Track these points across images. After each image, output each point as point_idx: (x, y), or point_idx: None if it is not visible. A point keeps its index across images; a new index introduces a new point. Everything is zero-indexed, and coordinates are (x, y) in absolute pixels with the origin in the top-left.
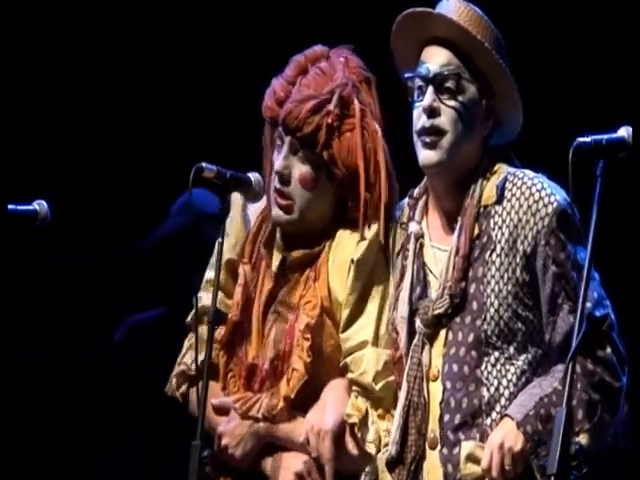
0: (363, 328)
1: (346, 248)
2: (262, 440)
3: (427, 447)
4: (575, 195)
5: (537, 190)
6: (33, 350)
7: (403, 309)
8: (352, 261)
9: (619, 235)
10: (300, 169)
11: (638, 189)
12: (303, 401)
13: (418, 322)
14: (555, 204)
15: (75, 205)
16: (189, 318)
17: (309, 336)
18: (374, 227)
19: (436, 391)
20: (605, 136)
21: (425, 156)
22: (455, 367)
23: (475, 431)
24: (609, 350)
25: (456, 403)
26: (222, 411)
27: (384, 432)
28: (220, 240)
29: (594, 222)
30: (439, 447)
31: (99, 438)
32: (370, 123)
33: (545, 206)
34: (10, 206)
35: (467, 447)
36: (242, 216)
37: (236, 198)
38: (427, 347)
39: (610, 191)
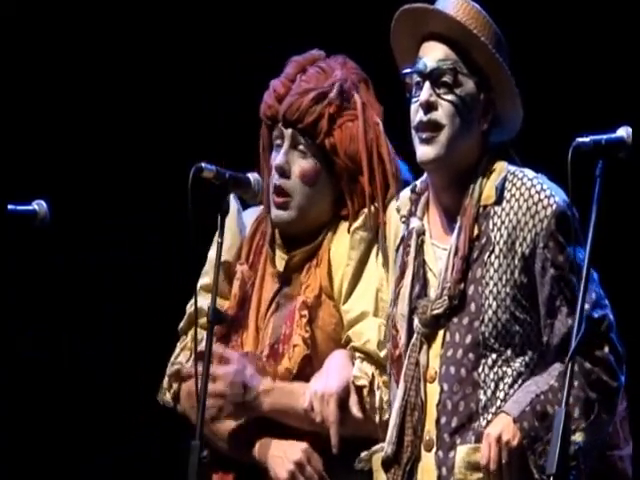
0: (363, 298)
1: (345, 232)
2: (260, 414)
3: (423, 449)
4: (574, 195)
5: (536, 192)
6: (33, 350)
7: (403, 307)
8: (348, 231)
9: (619, 235)
10: (300, 164)
11: (638, 189)
12: (307, 380)
13: (416, 321)
14: (554, 206)
15: (75, 205)
16: (181, 324)
17: (305, 312)
18: (372, 208)
19: (433, 393)
20: (604, 136)
21: (422, 152)
22: (452, 369)
23: (471, 434)
24: (607, 350)
25: (453, 406)
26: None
27: (385, 403)
28: (219, 240)
29: (593, 222)
30: (435, 449)
31: (99, 438)
32: (371, 115)
33: (544, 208)
34: (10, 206)
35: (462, 451)
36: (237, 220)
37: (231, 203)
38: (425, 347)
39: (610, 191)
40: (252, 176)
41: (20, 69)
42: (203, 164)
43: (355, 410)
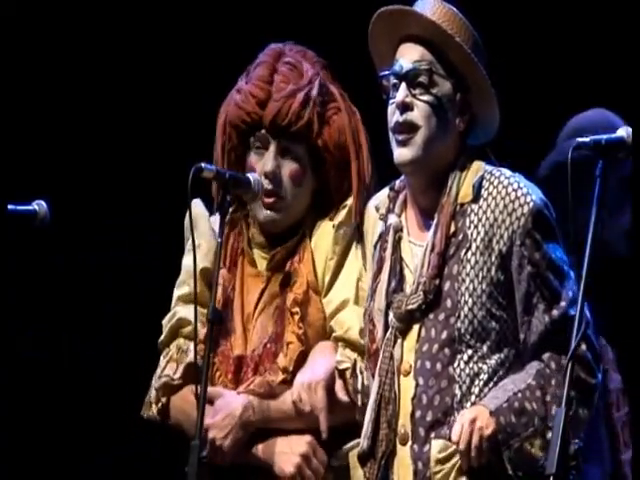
0: (343, 287)
1: (326, 226)
2: (252, 427)
3: (398, 442)
4: (575, 195)
5: (513, 190)
6: (33, 350)
7: (380, 301)
8: (333, 226)
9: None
10: (290, 167)
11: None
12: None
13: (391, 316)
14: (531, 204)
15: (75, 205)
16: (161, 338)
17: (297, 309)
18: (351, 200)
19: (408, 386)
20: (604, 136)
21: (399, 154)
22: (428, 364)
23: (446, 428)
24: (584, 347)
25: (428, 400)
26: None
27: (366, 387)
28: (219, 240)
29: (593, 222)
30: (410, 443)
31: (99, 438)
32: (349, 104)
33: (521, 206)
34: (10, 206)
35: (437, 446)
36: (209, 225)
37: (200, 209)
38: (399, 341)
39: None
40: (252, 176)
41: (20, 69)
42: (203, 164)
43: (341, 395)
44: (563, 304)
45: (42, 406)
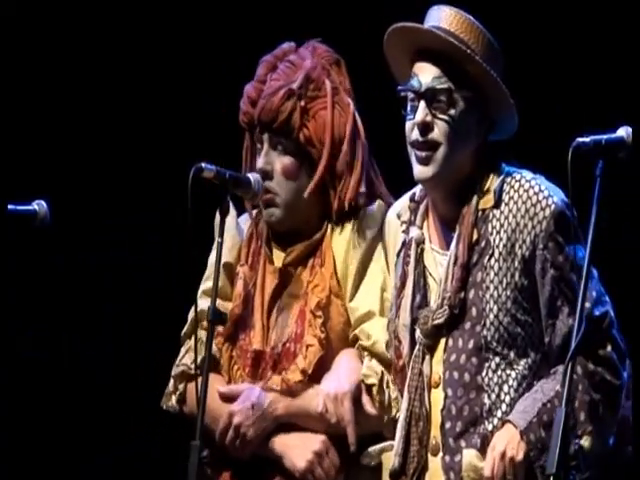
0: (368, 297)
1: (345, 229)
2: (277, 420)
3: (429, 454)
4: (574, 195)
5: (534, 193)
6: (33, 350)
7: (405, 317)
8: (352, 230)
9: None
10: (282, 161)
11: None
12: (319, 379)
13: (418, 332)
14: (553, 207)
15: (75, 205)
16: (185, 329)
17: (320, 313)
18: (377, 205)
19: (438, 398)
20: (604, 136)
21: (420, 172)
22: (456, 374)
23: (476, 437)
24: (609, 348)
25: (457, 410)
26: (229, 400)
27: (394, 400)
28: (219, 240)
29: (593, 222)
30: (441, 454)
31: (99, 438)
32: (342, 98)
33: (543, 209)
34: (10, 206)
35: (468, 455)
36: (236, 224)
37: (230, 205)
38: (427, 357)
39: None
40: (252, 176)
41: (20, 69)
42: (203, 164)
43: (369, 407)
44: (587, 304)
45: (42, 406)
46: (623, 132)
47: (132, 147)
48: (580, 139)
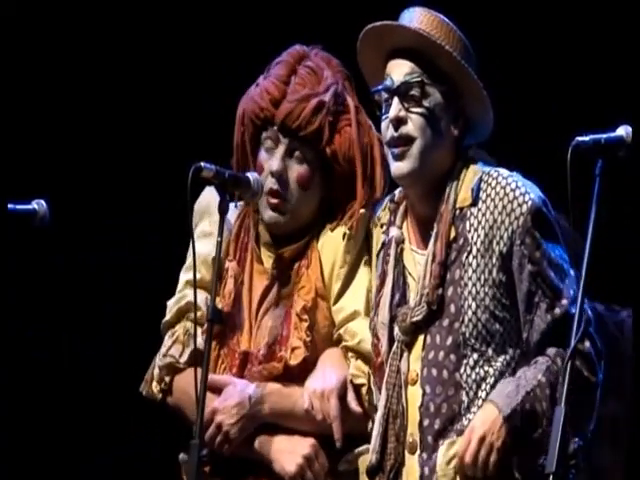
0: (354, 298)
1: (336, 233)
2: (261, 421)
3: (406, 452)
4: (574, 194)
5: (511, 190)
6: (33, 350)
7: (384, 315)
8: (344, 235)
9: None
10: (298, 170)
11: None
12: (302, 380)
13: (396, 329)
14: (530, 203)
15: (75, 205)
16: (167, 318)
17: (306, 317)
18: (362, 210)
19: (415, 395)
20: (604, 135)
21: (396, 167)
22: (434, 371)
23: (454, 435)
24: (588, 344)
25: (435, 408)
26: (214, 390)
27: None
28: (219, 239)
29: (592, 221)
30: (418, 451)
31: (99, 438)
32: (365, 118)
33: (520, 205)
34: (9, 205)
35: (442, 449)
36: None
37: (214, 196)
38: (405, 354)
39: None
40: (252, 175)
41: (20, 69)
42: (202, 164)
43: (354, 405)
44: (565, 302)
45: (42, 406)
46: (622, 131)
47: (132, 147)
48: (579, 138)
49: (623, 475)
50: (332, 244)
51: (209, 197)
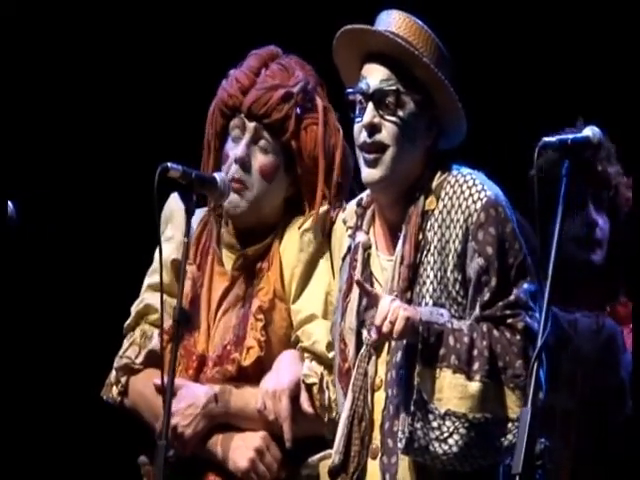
0: (312, 300)
1: (294, 233)
2: (214, 420)
3: (369, 457)
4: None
5: (468, 187)
6: (33, 350)
7: (351, 320)
8: (299, 233)
9: None
10: (261, 159)
11: None
12: (257, 381)
13: (365, 333)
14: (485, 199)
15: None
16: (128, 322)
17: (262, 317)
18: (322, 209)
19: (380, 400)
20: (570, 136)
21: (368, 174)
22: (394, 373)
23: None
24: (520, 326)
25: (394, 410)
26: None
27: (334, 402)
28: (185, 240)
29: (559, 221)
30: (379, 455)
31: (99, 438)
32: (332, 120)
33: (474, 202)
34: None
35: (405, 459)
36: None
37: (178, 203)
38: (373, 358)
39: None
40: (219, 176)
41: (19, 69)
42: (169, 164)
43: (306, 406)
44: (515, 291)
45: (42, 406)
46: (589, 132)
47: (100, 148)
48: (546, 138)
49: (571, 466)
50: (291, 244)
51: (172, 204)
